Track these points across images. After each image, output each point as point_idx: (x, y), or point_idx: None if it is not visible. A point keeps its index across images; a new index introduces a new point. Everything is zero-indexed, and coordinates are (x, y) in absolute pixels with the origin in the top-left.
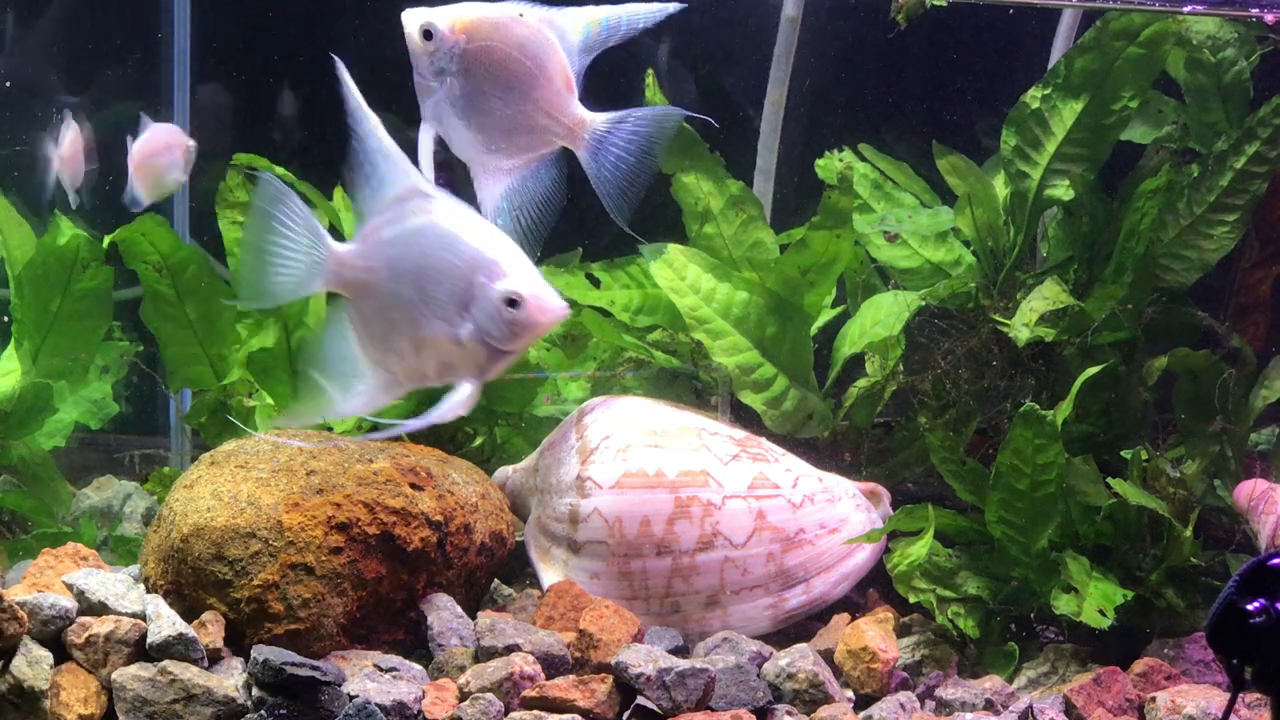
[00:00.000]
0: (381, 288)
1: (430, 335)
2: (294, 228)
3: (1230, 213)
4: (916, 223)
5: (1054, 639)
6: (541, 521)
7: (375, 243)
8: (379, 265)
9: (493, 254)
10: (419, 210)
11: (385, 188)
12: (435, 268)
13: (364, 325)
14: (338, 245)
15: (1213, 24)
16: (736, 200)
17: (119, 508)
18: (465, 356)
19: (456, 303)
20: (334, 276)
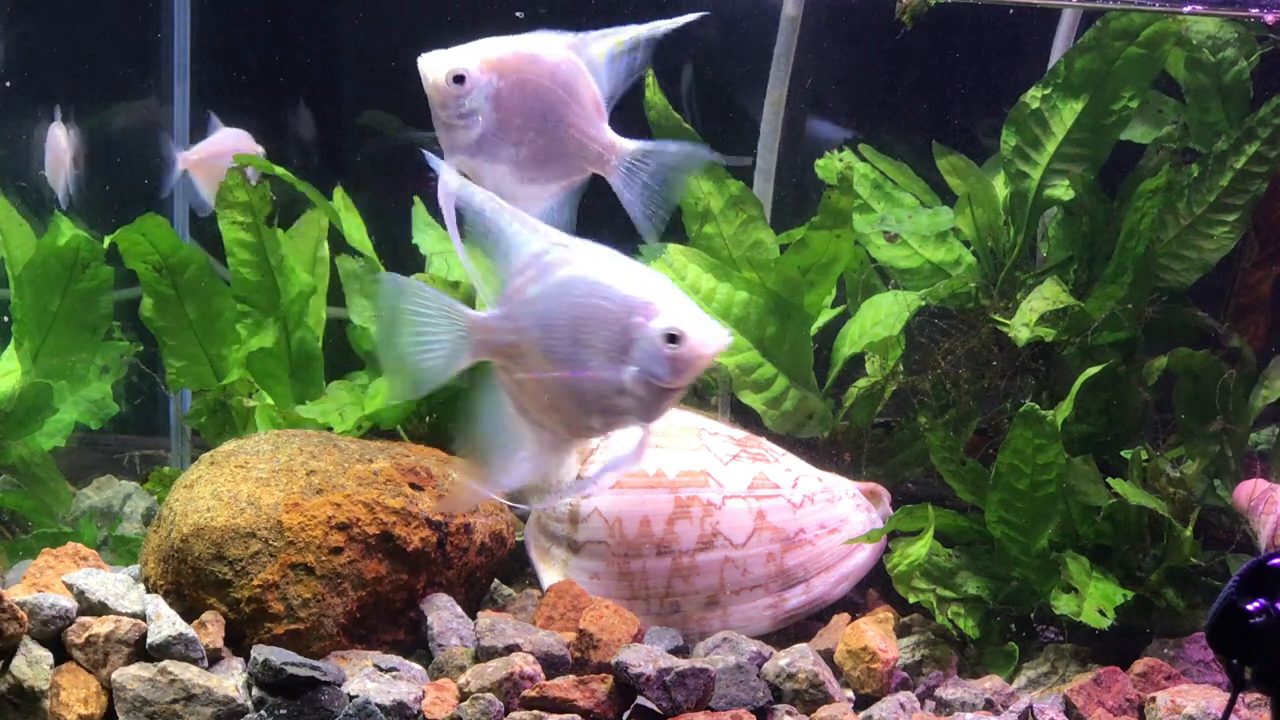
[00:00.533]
0: (534, 347)
1: (592, 386)
2: (427, 312)
3: (1230, 213)
4: (916, 223)
5: (1054, 639)
6: (541, 521)
7: (519, 303)
8: (527, 325)
9: (645, 293)
10: (559, 262)
11: (515, 249)
12: (588, 317)
13: (519, 389)
14: (479, 315)
15: (1213, 24)
16: (736, 200)
17: (119, 508)
18: (632, 401)
19: (615, 348)
20: (481, 346)
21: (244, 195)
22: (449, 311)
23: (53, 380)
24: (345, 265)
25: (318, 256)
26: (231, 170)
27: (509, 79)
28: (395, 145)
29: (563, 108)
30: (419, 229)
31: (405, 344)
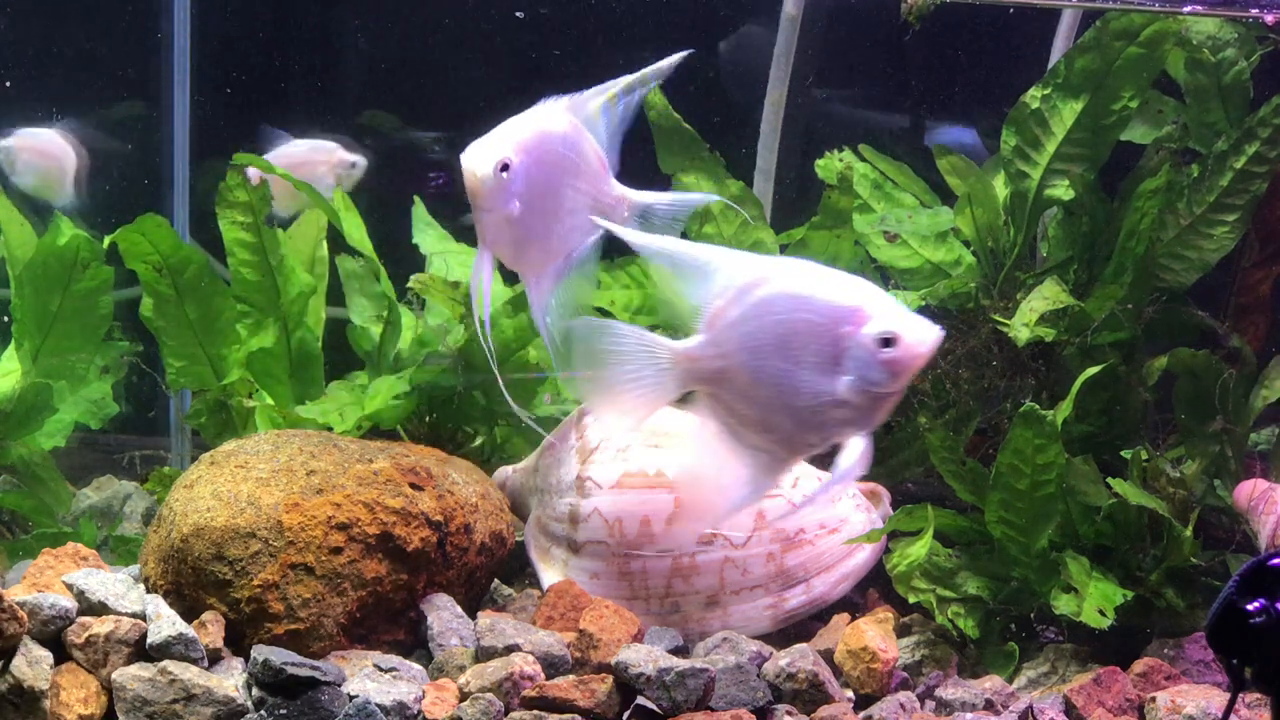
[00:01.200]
0: (743, 370)
1: (807, 402)
2: (628, 350)
3: (1230, 213)
4: (916, 223)
5: (1054, 639)
6: (541, 521)
7: (722, 328)
8: (733, 349)
9: (852, 300)
10: (758, 282)
11: (708, 277)
12: (796, 332)
13: (730, 413)
14: (681, 345)
15: (1213, 24)
16: (736, 200)
17: (119, 508)
18: (849, 412)
19: (826, 360)
20: (687, 376)
21: (244, 195)
22: (651, 346)
23: (53, 380)
24: (345, 265)
25: (317, 256)
26: (231, 170)
27: (533, 156)
28: (395, 145)
29: (576, 173)
30: (419, 229)
31: (609, 386)
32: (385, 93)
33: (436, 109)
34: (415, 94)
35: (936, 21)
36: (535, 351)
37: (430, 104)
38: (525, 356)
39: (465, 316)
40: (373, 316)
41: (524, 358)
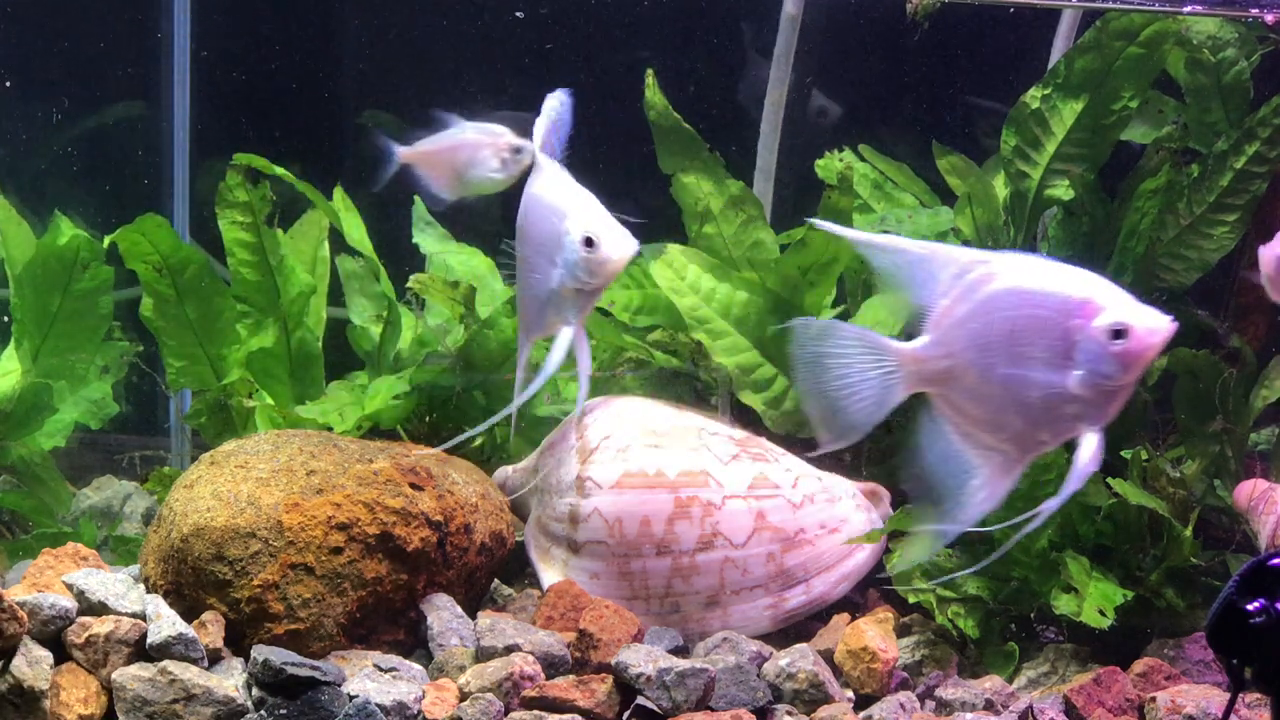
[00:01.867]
0: (971, 370)
1: (1038, 398)
2: (851, 352)
3: (1230, 213)
4: (916, 223)
5: (1054, 639)
6: (541, 521)
7: (949, 327)
8: (961, 348)
9: (1081, 292)
10: (985, 278)
11: (933, 276)
12: (1025, 329)
13: (961, 414)
14: (907, 346)
15: (1213, 24)
16: (736, 200)
17: (119, 508)
18: (1081, 406)
19: (1057, 355)
20: (914, 378)
21: (244, 195)
22: (876, 348)
23: (53, 380)
24: (345, 265)
25: (318, 256)
26: (231, 170)
27: None
28: None
29: None
30: (419, 229)
31: (832, 388)
32: (385, 92)
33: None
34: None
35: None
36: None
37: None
38: None
39: (465, 316)
40: (373, 316)
41: None
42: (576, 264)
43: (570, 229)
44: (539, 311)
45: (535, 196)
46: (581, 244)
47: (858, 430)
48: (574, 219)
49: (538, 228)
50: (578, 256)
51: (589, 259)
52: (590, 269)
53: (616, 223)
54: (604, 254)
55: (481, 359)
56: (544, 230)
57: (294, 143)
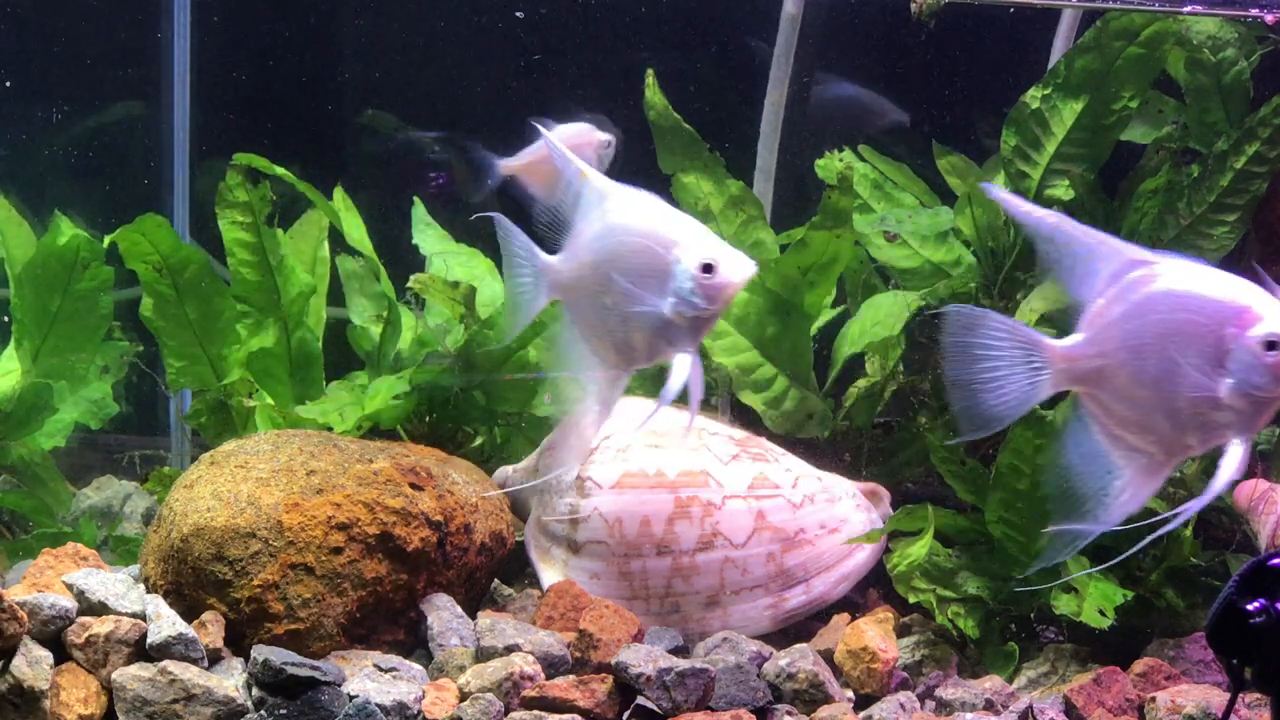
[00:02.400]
0: (1123, 370)
1: (1187, 403)
2: (1001, 345)
3: (1230, 213)
4: (916, 223)
5: (1054, 639)
6: (541, 521)
7: (1104, 326)
8: (1114, 348)
9: (1238, 300)
10: (1144, 280)
11: (1095, 270)
12: (1180, 333)
13: (1109, 414)
14: (1059, 343)
15: (1213, 24)
16: (736, 200)
17: (119, 508)
18: (1230, 415)
19: (1211, 361)
20: (1062, 376)
21: (244, 195)
22: (1027, 342)
23: (53, 380)
24: (345, 265)
25: (318, 256)
26: (231, 170)
27: None
28: (395, 145)
29: None
30: (419, 229)
31: (978, 383)
32: (385, 93)
33: (436, 109)
34: (415, 94)
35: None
36: (534, 351)
37: (430, 104)
38: (525, 356)
39: (465, 316)
40: (373, 316)
41: (523, 357)
42: (693, 290)
43: (682, 256)
44: (646, 342)
45: (621, 227)
46: (698, 270)
47: (998, 423)
48: (686, 245)
49: (635, 259)
50: (694, 283)
51: (707, 284)
52: (708, 294)
53: (727, 244)
54: (723, 278)
55: (481, 359)
56: (644, 260)
57: (294, 143)
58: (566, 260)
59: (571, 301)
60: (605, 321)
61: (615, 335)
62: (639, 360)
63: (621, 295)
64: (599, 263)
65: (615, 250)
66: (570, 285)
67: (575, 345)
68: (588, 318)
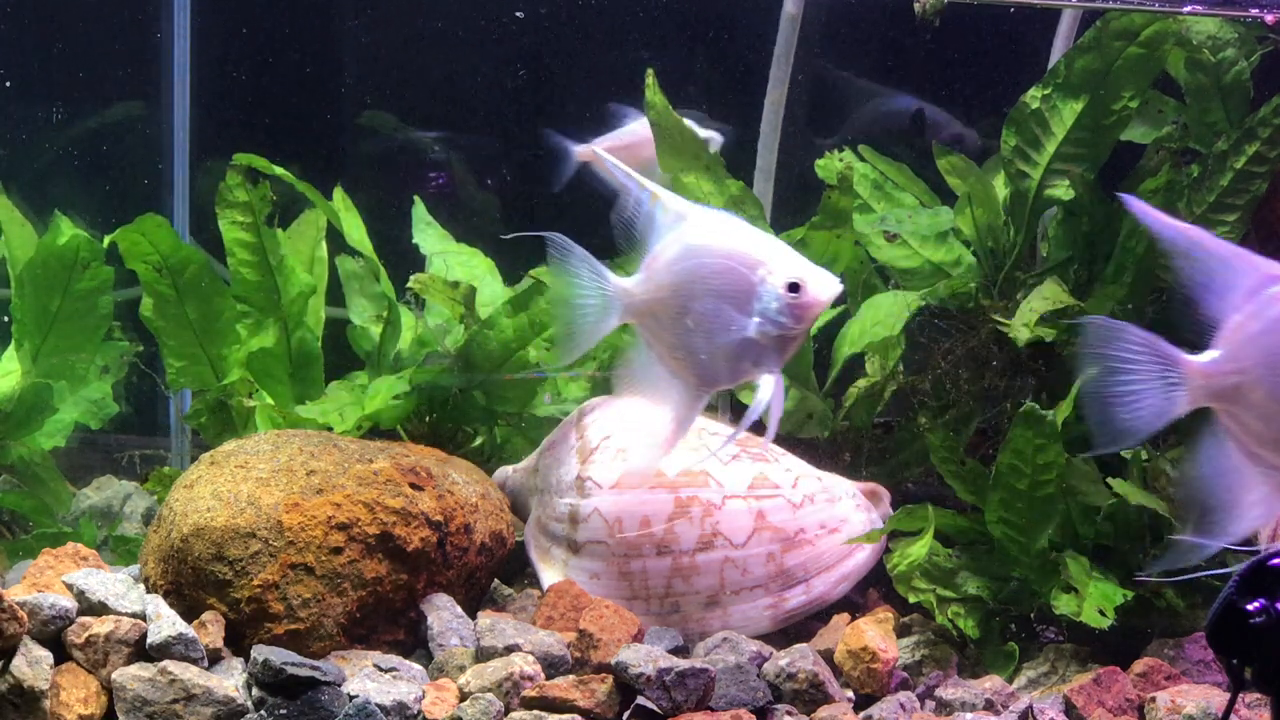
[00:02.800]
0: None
1: None
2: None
3: (1230, 213)
4: (916, 223)
5: (1054, 639)
6: (541, 521)
7: (1241, 342)
8: (1252, 364)
9: None
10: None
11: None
12: None
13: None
14: (1196, 359)
15: (1213, 24)
16: (736, 200)
17: (119, 508)
18: None
19: None
20: (1200, 393)
21: (244, 195)
22: (1165, 357)
23: (53, 380)
24: (345, 265)
25: (317, 256)
26: (231, 170)
27: None
28: (395, 145)
29: None
30: (419, 229)
31: (1113, 393)
32: (385, 93)
33: (436, 109)
34: (415, 94)
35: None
36: (534, 351)
37: (430, 104)
38: (525, 356)
39: (465, 316)
40: (373, 316)
41: (523, 357)
42: (780, 310)
43: (768, 275)
44: (730, 363)
45: (703, 248)
46: (785, 289)
47: (1131, 439)
48: (772, 265)
49: (719, 280)
50: (781, 303)
51: (794, 304)
52: (795, 314)
53: (813, 264)
54: (811, 297)
55: (481, 359)
56: (727, 281)
57: (294, 143)
58: (644, 283)
59: (649, 325)
60: (687, 344)
61: (697, 357)
62: (722, 381)
63: (704, 317)
64: (680, 285)
65: (697, 272)
66: (648, 308)
67: (652, 368)
68: (667, 341)
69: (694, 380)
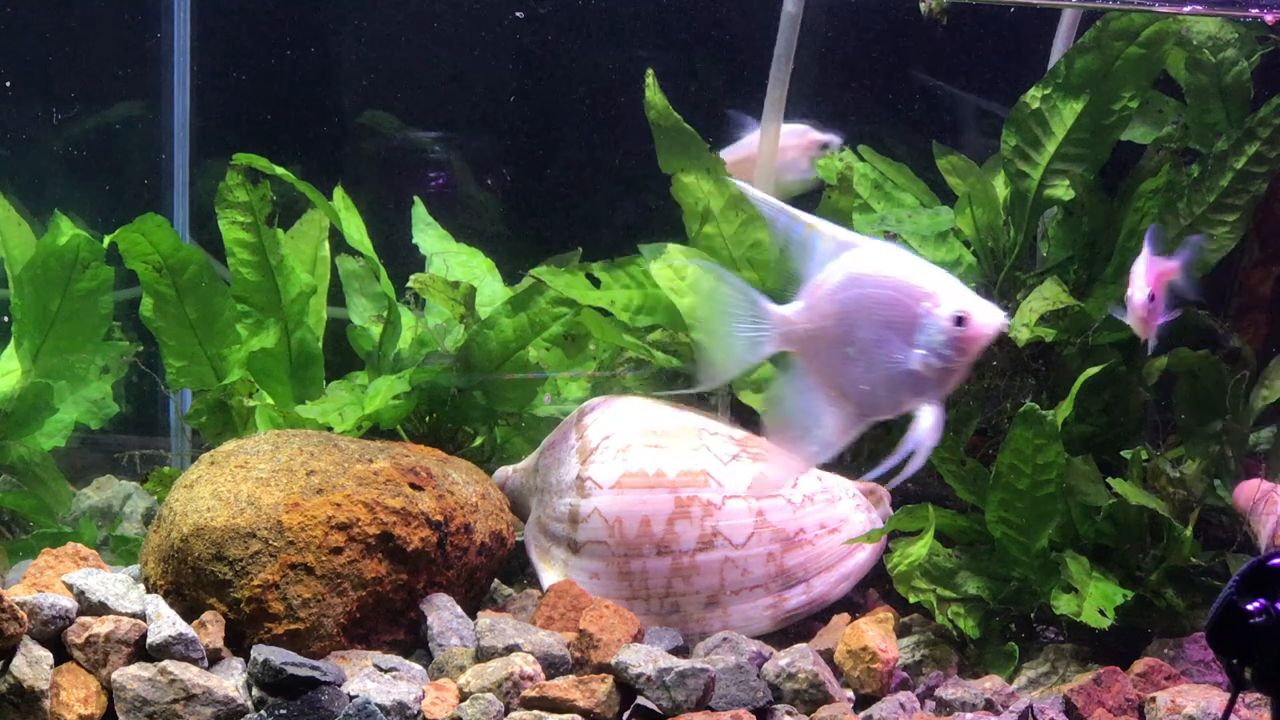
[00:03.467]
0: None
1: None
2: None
3: (1230, 213)
4: (916, 223)
5: (1054, 639)
6: (541, 521)
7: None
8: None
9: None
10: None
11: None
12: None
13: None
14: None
15: (1213, 24)
16: (736, 200)
17: (119, 508)
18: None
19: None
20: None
21: (244, 195)
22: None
23: (53, 380)
24: (345, 265)
25: (318, 256)
26: (231, 170)
27: None
28: (395, 145)
29: None
30: (419, 229)
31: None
32: (385, 93)
33: (436, 109)
34: (415, 94)
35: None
36: (534, 351)
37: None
38: (525, 356)
39: (465, 316)
40: (373, 316)
41: (523, 357)
42: (944, 343)
43: (933, 307)
44: (890, 393)
45: (867, 278)
46: (950, 322)
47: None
48: (938, 297)
49: (883, 310)
50: (946, 335)
51: (959, 336)
52: (960, 346)
53: (978, 296)
54: (976, 329)
55: (481, 359)
56: (892, 312)
57: (294, 143)
58: (804, 311)
59: (807, 353)
60: (847, 373)
61: (857, 387)
62: (881, 412)
63: (866, 347)
64: (843, 314)
65: (861, 301)
66: (808, 337)
67: (809, 396)
68: (826, 370)
69: (851, 410)
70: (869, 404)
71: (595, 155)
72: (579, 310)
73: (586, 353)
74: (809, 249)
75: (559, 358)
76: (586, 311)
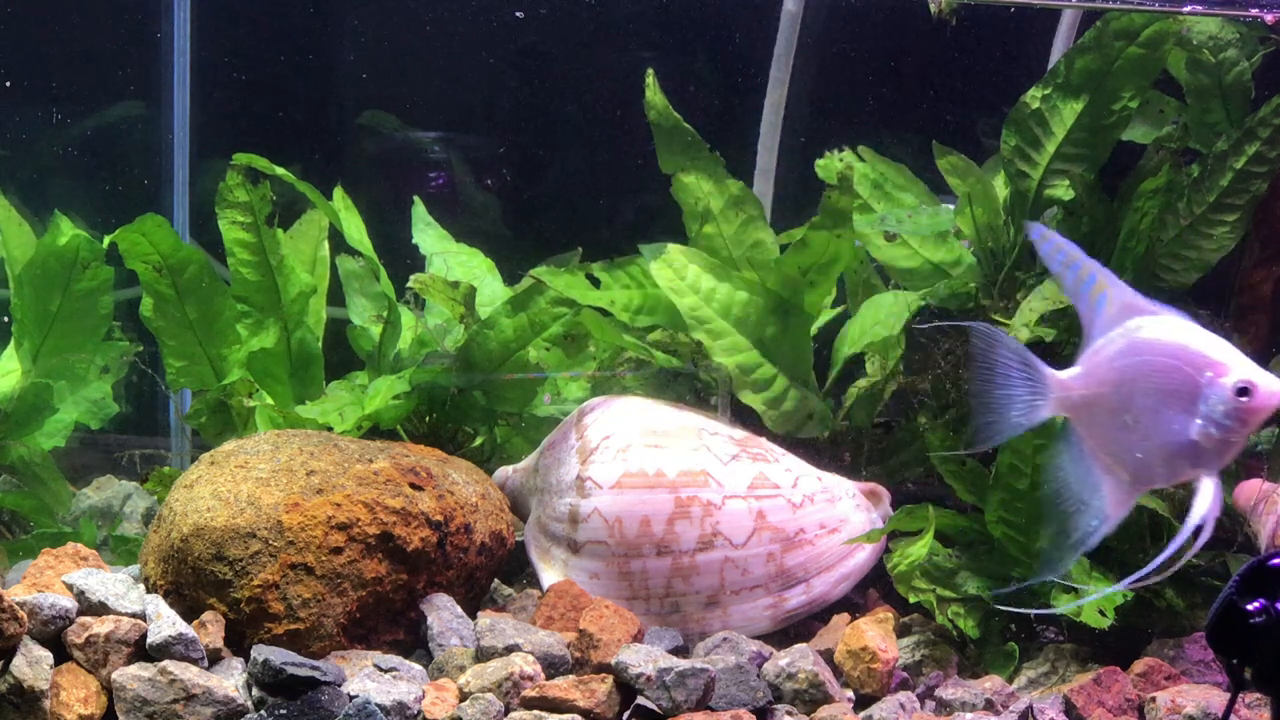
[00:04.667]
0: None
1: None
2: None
3: (1230, 213)
4: (916, 223)
5: (1054, 639)
6: (541, 521)
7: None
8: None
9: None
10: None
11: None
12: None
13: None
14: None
15: (1214, 24)
16: (736, 200)
17: (119, 508)
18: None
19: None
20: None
21: (244, 195)
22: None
23: (53, 380)
24: (345, 265)
25: (318, 256)
26: (231, 170)
27: None
28: (395, 145)
29: None
30: (419, 229)
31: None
32: (385, 93)
33: (436, 109)
34: (415, 94)
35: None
36: (534, 352)
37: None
38: (525, 356)
39: (465, 316)
40: (373, 316)
41: (523, 357)
42: (1226, 414)
43: (1216, 377)
44: (1167, 463)
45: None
46: (1233, 393)
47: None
48: (1221, 367)
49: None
50: (1228, 406)
51: (1242, 408)
52: (1242, 418)
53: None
54: (1260, 401)
55: (481, 359)
56: (1172, 381)
57: (294, 143)
58: (1083, 377)
59: (1084, 419)
60: (1123, 441)
61: (1133, 456)
62: (1157, 480)
63: (1144, 415)
64: (1122, 381)
65: (1141, 369)
66: (1085, 404)
67: (1085, 464)
68: (1102, 437)
69: (1127, 477)
70: (1144, 473)
71: (595, 155)
72: (579, 310)
73: (586, 353)
74: (1096, 309)
75: (559, 358)
76: (586, 311)
